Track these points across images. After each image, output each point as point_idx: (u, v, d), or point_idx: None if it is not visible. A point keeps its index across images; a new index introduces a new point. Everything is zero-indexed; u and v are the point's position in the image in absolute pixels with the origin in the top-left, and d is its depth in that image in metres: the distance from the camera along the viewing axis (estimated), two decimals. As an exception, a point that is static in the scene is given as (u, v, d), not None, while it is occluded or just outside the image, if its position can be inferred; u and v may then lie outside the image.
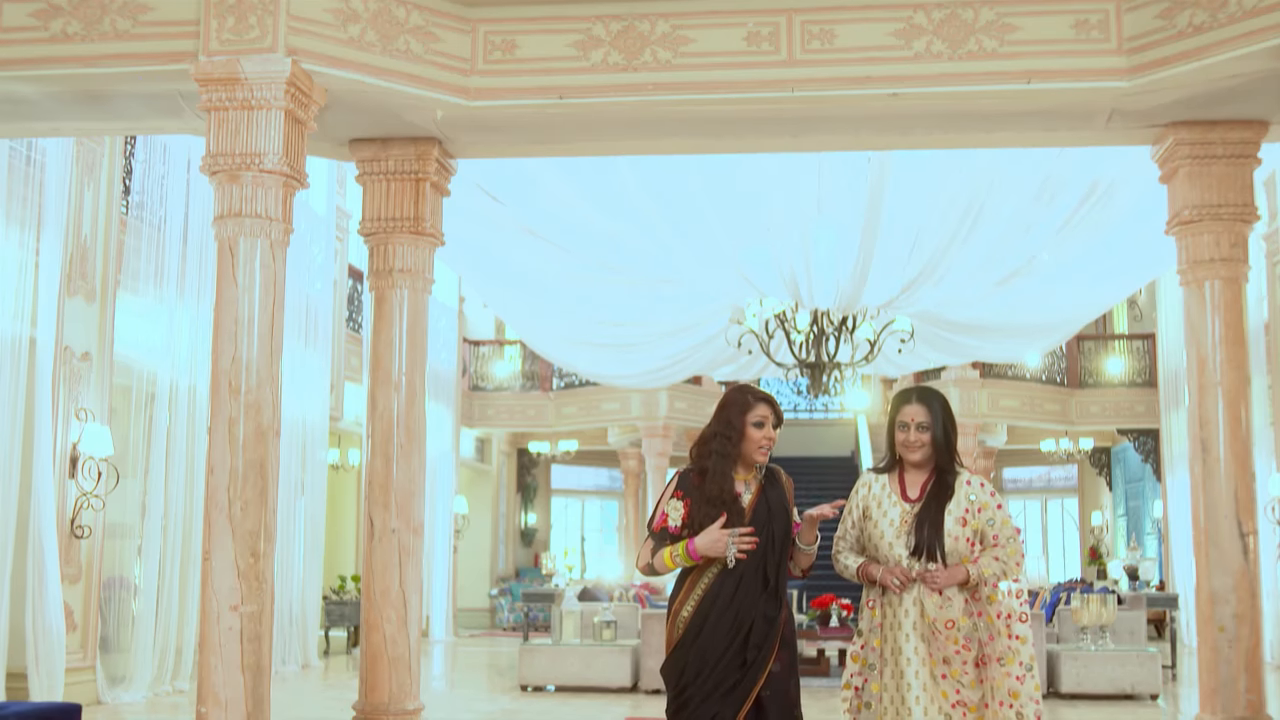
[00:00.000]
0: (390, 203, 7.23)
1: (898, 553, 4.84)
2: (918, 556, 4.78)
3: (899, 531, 4.83)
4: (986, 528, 4.91)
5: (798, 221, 10.50)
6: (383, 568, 7.01)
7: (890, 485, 4.96)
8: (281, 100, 6.11)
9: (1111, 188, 9.83)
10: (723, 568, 4.67)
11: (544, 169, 9.70)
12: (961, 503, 4.85)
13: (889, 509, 4.89)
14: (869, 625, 4.94)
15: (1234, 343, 6.67)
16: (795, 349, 13.63)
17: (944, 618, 4.77)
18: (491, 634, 22.05)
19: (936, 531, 4.79)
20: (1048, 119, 6.76)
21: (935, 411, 4.89)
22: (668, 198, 10.23)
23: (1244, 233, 6.75)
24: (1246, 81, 6.22)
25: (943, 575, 4.76)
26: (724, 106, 6.62)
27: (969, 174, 9.51)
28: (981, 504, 4.91)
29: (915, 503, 4.90)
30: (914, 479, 4.94)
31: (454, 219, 10.75)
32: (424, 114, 6.78)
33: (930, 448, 4.90)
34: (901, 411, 4.93)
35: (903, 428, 4.91)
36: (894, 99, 6.46)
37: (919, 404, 4.91)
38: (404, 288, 7.22)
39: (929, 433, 4.87)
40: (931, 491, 4.88)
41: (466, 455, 22.93)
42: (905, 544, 4.83)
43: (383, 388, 7.13)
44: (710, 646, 4.63)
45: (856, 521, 4.99)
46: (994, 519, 4.89)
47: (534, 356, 22.51)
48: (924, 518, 4.82)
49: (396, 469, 7.07)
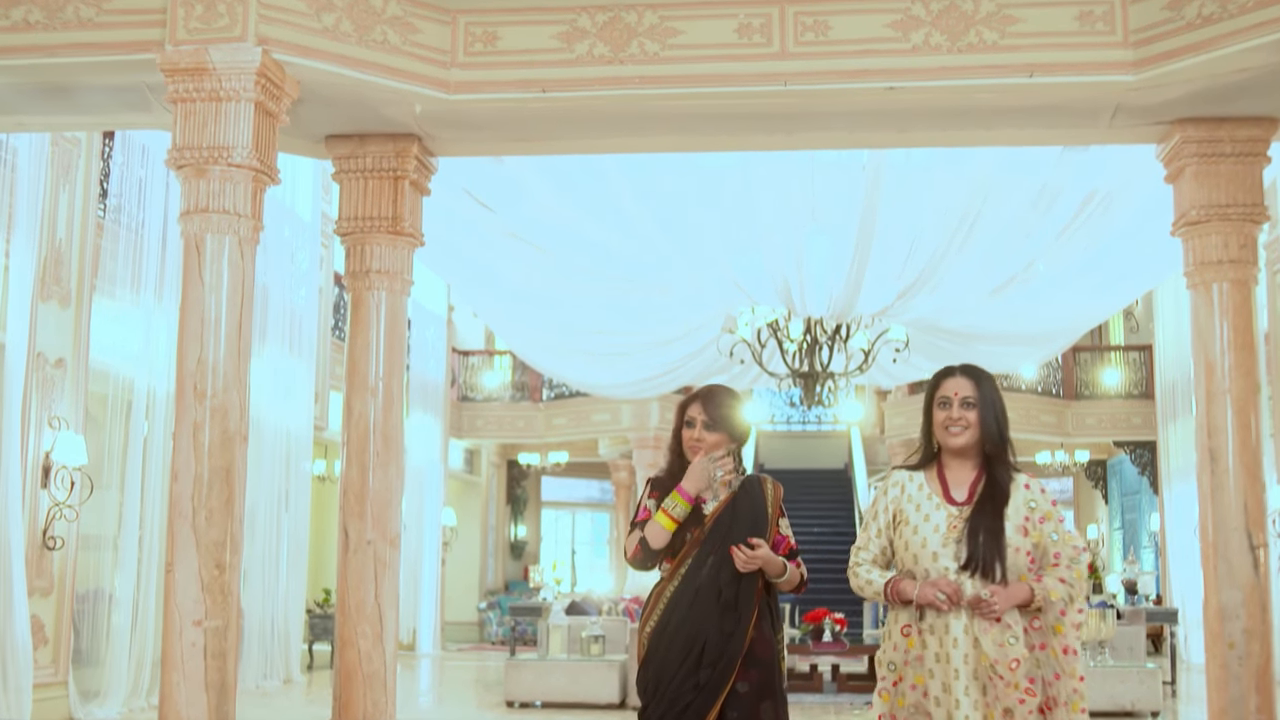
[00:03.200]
0: (368, 201, 6.96)
1: (944, 565, 3.96)
2: (971, 572, 3.92)
3: (946, 539, 3.96)
4: (1048, 543, 4.05)
5: (791, 228, 10.28)
6: (358, 581, 6.73)
7: (929, 484, 4.10)
8: (251, 92, 5.84)
9: (1109, 196, 9.67)
10: (684, 579, 4.41)
11: (532, 173, 9.48)
12: (1020, 509, 4.02)
13: (930, 512, 4.02)
14: (901, 657, 4.04)
15: (1243, 348, 6.42)
16: (788, 359, 13.42)
17: (1007, 657, 3.87)
18: (480, 648, 21.75)
19: (996, 541, 3.91)
20: (1050, 115, 6.51)
21: (984, 389, 4.07)
22: (658, 203, 10.03)
23: (1253, 234, 6.50)
24: (1257, 75, 5.97)
25: (1002, 596, 3.88)
26: (714, 101, 6.36)
27: (965, 180, 9.33)
28: (1044, 513, 4.06)
29: (963, 505, 4.02)
30: (959, 476, 4.08)
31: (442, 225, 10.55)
32: (402, 108, 6.52)
33: (978, 431, 4.05)
34: (942, 386, 4.11)
35: (943, 404, 4.08)
36: (891, 94, 6.21)
37: (964, 377, 4.10)
38: (382, 289, 6.95)
39: (975, 410, 4.04)
40: (985, 493, 4.02)
41: (455, 467, 22.64)
42: (954, 555, 3.94)
43: (359, 393, 6.86)
44: (666, 665, 4.37)
45: (883, 529, 4.11)
46: (1057, 533, 4.04)
47: (524, 367, 22.25)
48: (979, 524, 3.94)
49: (373, 478, 6.79)
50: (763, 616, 4.46)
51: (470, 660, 19.12)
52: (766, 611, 4.49)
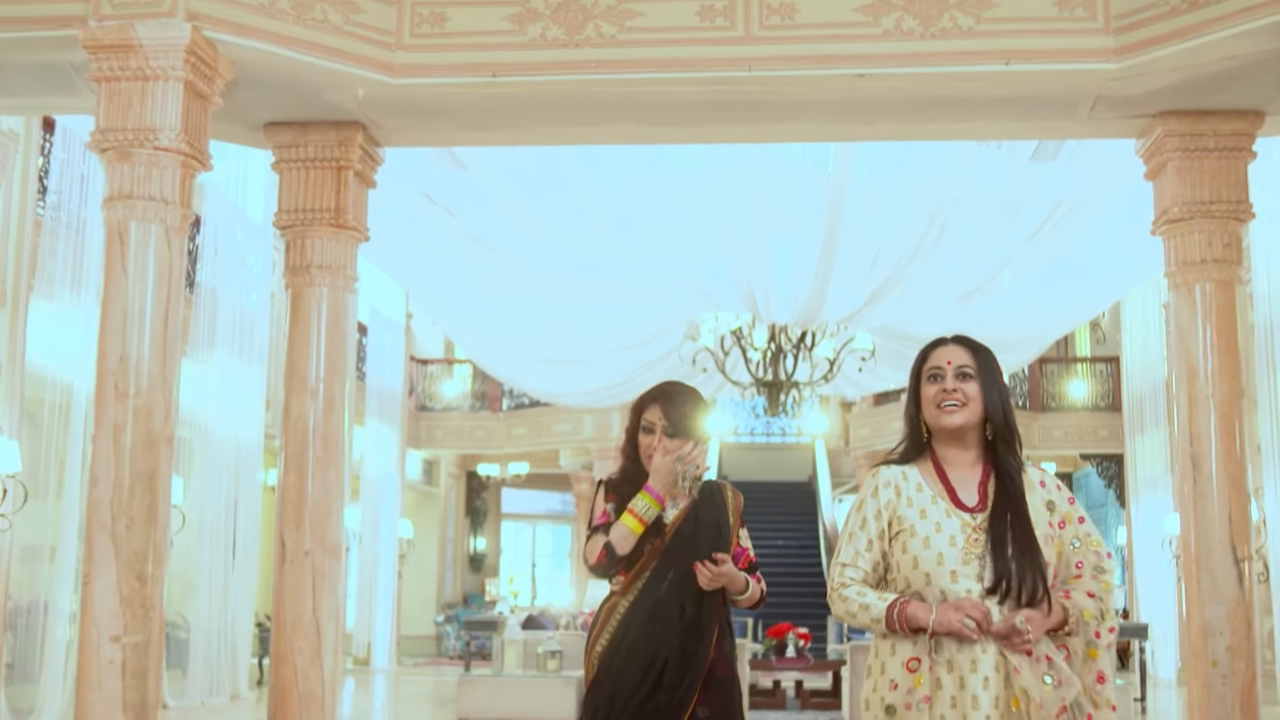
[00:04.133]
0: (309, 193, 6.59)
1: (966, 587, 3.14)
2: (1001, 596, 3.12)
3: (965, 556, 3.15)
4: (1070, 550, 3.29)
5: (756, 233, 10.02)
6: (295, 593, 6.34)
7: (929, 484, 3.28)
8: (180, 70, 5.47)
9: (1076, 207, 9.48)
10: (640, 594, 4.05)
11: (491, 174, 9.16)
12: (1040, 510, 3.26)
13: (939, 519, 3.21)
14: (902, 698, 3.16)
15: (1227, 351, 6.12)
16: (752, 367, 13.14)
17: (1056, 699, 3.09)
18: (437, 662, 21.32)
19: (1033, 557, 3.14)
20: (1027, 107, 6.21)
21: (984, 359, 3.29)
22: (620, 206, 9.76)
23: (1237, 232, 6.22)
24: (1243, 64, 5.68)
25: (1037, 621, 3.10)
26: (674, 88, 6.03)
27: (931, 189, 9.13)
28: (1064, 515, 3.30)
29: (977, 511, 3.23)
30: (961, 474, 3.29)
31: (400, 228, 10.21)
32: (345, 93, 6.16)
33: (979, 407, 3.25)
34: (932, 356, 3.33)
35: (934, 377, 3.28)
36: (860, 81, 5.89)
37: (958, 345, 3.33)
38: (323, 285, 6.57)
39: (974, 382, 3.25)
40: (1002, 495, 3.23)
41: (413, 477, 22.23)
42: (977, 574, 3.14)
43: (297, 395, 6.48)
44: (620, 687, 3.97)
45: (875, 540, 3.28)
46: (1079, 537, 3.29)
47: (484, 376, 21.87)
48: (1002, 534, 3.16)
49: (311, 484, 6.41)
50: (723, 634, 4.09)
51: (426, 675, 18.69)
52: (727, 629, 4.13)
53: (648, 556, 4.06)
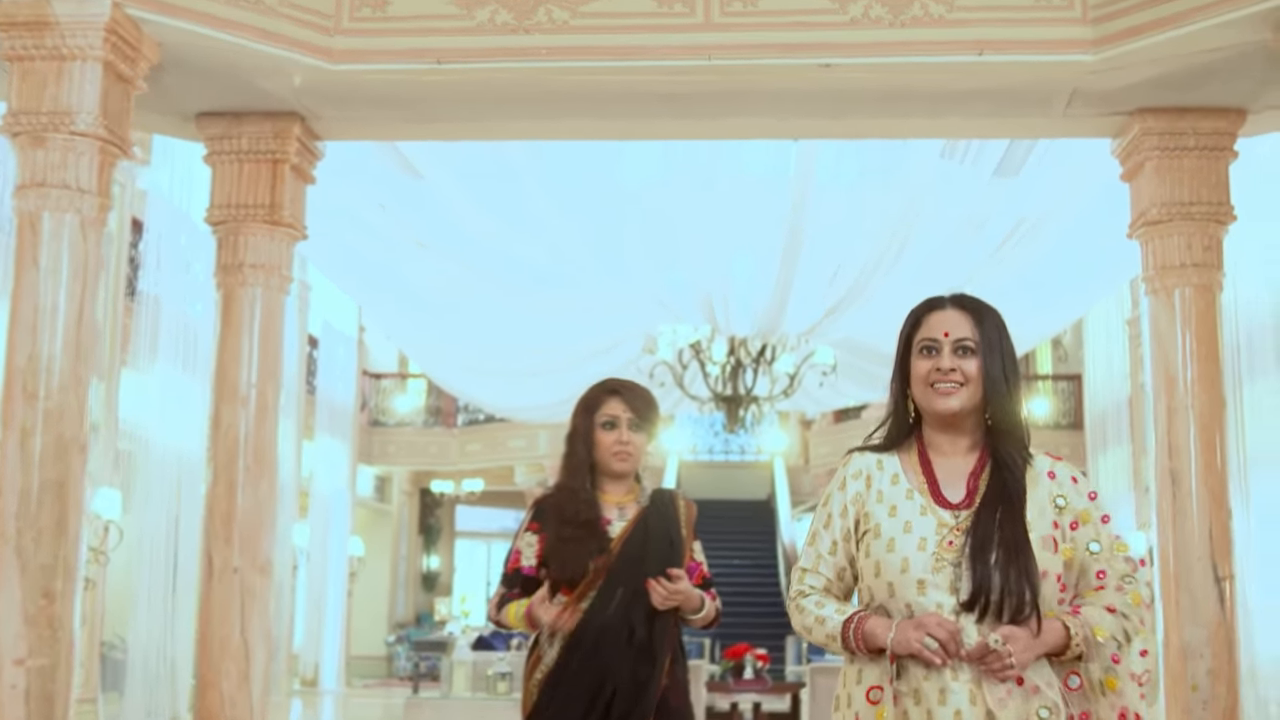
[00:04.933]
0: (243, 187, 6.21)
1: (935, 600, 2.58)
2: (979, 612, 2.57)
3: (938, 560, 2.60)
4: (1086, 557, 2.69)
5: (715, 243, 9.75)
6: (222, 612, 5.94)
7: (907, 475, 2.73)
8: (99, 50, 5.08)
9: (1039, 223, 9.28)
10: (586, 616, 3.67)
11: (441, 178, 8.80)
12: (1044, 509, 2.67)
13: (912, 517, 2.66)
14: None
15: (1207, 359, 5.83)
16: (710, 382, 12.86)
17: None
18: (387, 683, 20.85)
19: (1019, 562, 2.57)
20: (1000, 101, 5.91)
21: (988, 328, 2.71)
22: (576, 211, 9.46)
23: (1218, 235, 5.93)
24: (1226, 57, 5.40)
25: (1023, 642, 2.52)
26: (630, 77, 5.69)
27: (894, 202, 8.92)
28: (1079, 513, 2.70)
29: (961, 508, 2.66)
30: (951, 465, 2.73)
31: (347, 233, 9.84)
32: (280, 80, 5.79)
33: (979, 390, 2.68)
34: (926, 323, 2.74)
35: (927, 350, 2.71)
36: (826, 72, 5.57)
37: (958, 310, 2.73)
38: (256, 285, 6.19)
39: (975, 359, 2.68)
40: (994, 488, 2.66)
41: (365, 494, 21.78)
42: (950, 585, 2.59)
43: (228, 402, 6.10)
44: (564, 717, 3.61)
45: (840, 541, 2.76)
46: (1099, 540, 2.69)
47: (439, 391, 21.47)
48: (988, 535, 2.59)
49: (241, 497, 6.02)
50: (676, 659, 3.72)
51: (376, 697, 18.26)
52: (680, 653, 3.77)
53: (593, 574, 3.69)
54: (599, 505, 3.77)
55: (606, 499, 3.81)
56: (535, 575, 3.77)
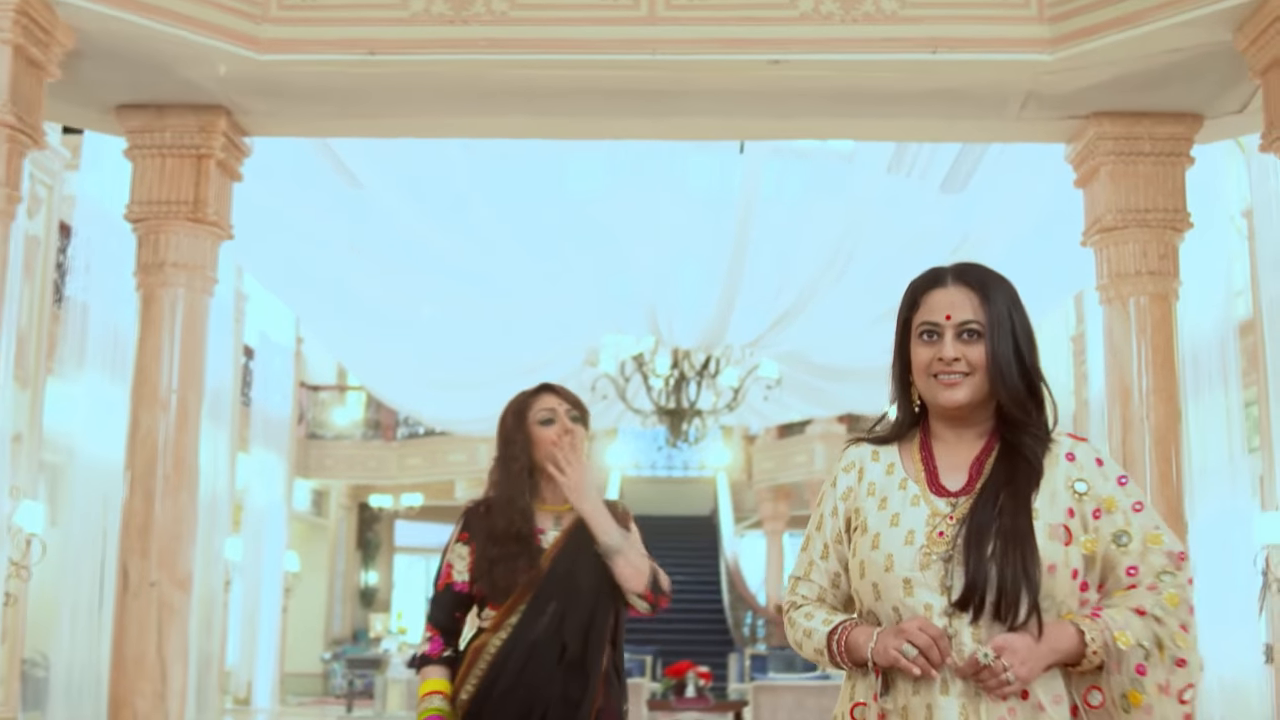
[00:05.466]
0: (165, 183, 5.93)
1: (923, 601, 2.24)
2: (973, 614, 2.22)
3: (926, 555, 2.26)
4: (1114, 550, 2.28)
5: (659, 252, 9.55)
6: (137, 629, 5.65)
7: (904, 465, 2.40)
8: (8, 32, 4.81)
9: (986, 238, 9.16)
10: (515, 631, 3.42)
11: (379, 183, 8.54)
12: (1058, 494, 2.29)
13: (902, 509, 2.33)
14: None
15: (1163, 369, 5.68)
16: (654, 395, 12.66)
17: None
18: (322, 702, 20.43)
19: (1018, 553, 2.20)
20: (954, 102, 5.73)
21: (997, 305, 2.33)
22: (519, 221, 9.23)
23: (1174, 242, 5.79)
24: (1184, 59, 5.27)
25: (1023, 652, 2.16)
26: (571, 72, 5.47)
27: (838, 216, 8.75)
28: (1104, 499, 2.30)
29: (960, 496, 2.32)
30: (955, 452, 2.38)
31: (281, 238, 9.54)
32: (205, 70, 5.52)
33: (985, 379, 2.32)
34: (925, 303, 2.37)
35: (928, 334, 2.34)
36: (775, 68, 5.37)
37: (961, 286, 2.36)
38: (179, 286, 5.91)
39: (981, 345, 2.31)
40: (998, 470, 2.32)
41: (301, 508, 21.36)
42: (939, 583, 2.25)
43: (147, 406, 5.82)
44: None
45: (831, 544, 2.44)
46: (1131, 530, 2.29)
47: (378, 404, 21.14)
48: (984, 524, 2.24)
49: (160, 507, 5.74)
50: (611, 679, 3.48)
51: (310, 715, 17.89)
52: (614, 673, 3.52)
53: (523, 587, 3.44)
54: (534, 516, 3.54)
55: (544, 508, 3.58)
56: (468, 591, 3.53)
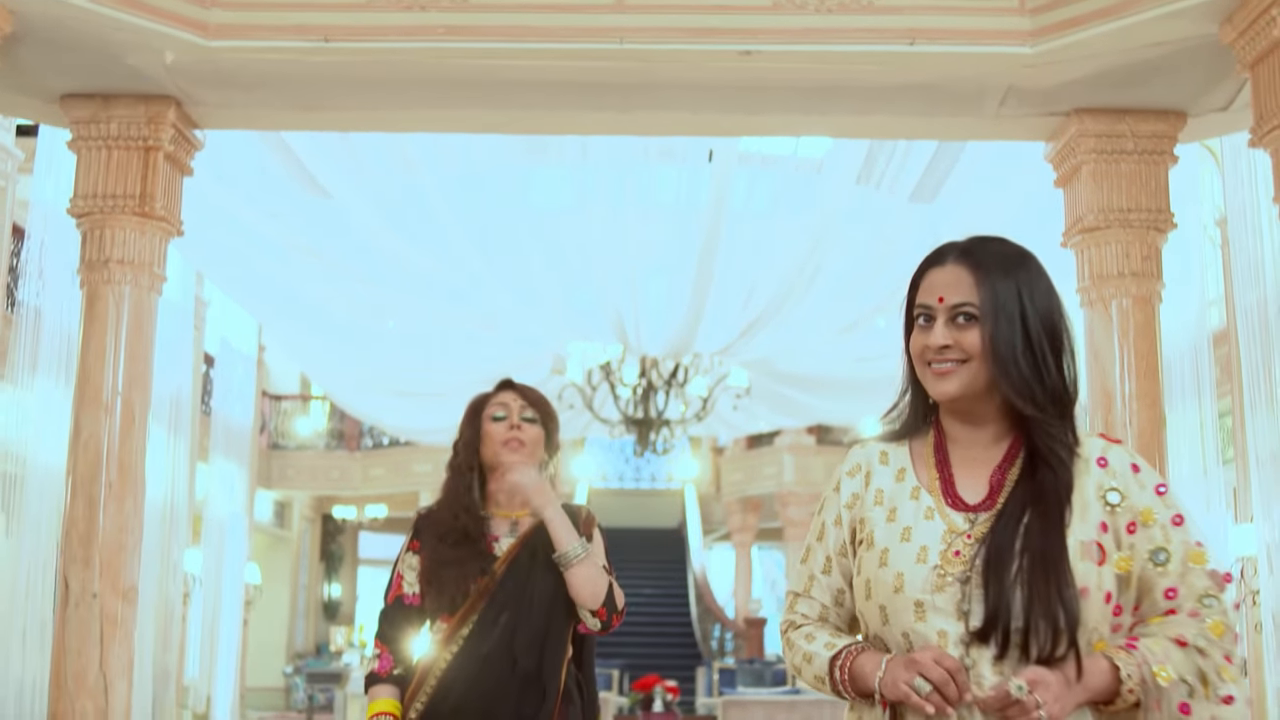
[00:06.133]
0: (111, 176, 5.66)
1: (935, 627, 1.99)
2: (998, 646, 1.96)
3: (942, 576, 2.00)
4: (1150, 570, 2.04)
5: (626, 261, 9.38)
6: (78, 643, 5.37)
7: (915, 470, 2.16)
8: (-60, 14, 4.57)
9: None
10: (466, 644, 3.21)
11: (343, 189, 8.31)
12: (1090, 506, 2.04)
13: (915, 521, 2.08)
14: None
15: (1147, 374, 5.49)
16: (621, 404, 12.45)
17: None
18: (284, 716, 20.15)
19: (1053, 579, 1.94)
20: (931, 98, 5.53)
21: (996, 287, 2.08)
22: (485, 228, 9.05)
23: (1157, 243, 5.61)
24: (1170, 53, 5.09)
25: (1053, 689, 1.90)
26: (535, 61, 5.24)
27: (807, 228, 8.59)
28: (1140, 511, 2.05)
29: (981, 510, 2.06)
30: (970, 457, 2.13)
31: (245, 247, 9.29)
32: (151, 57, 5.27)
33: (981, 369, 2.07)
34: (923, 285, 2.15)
35: (924, 318, 2.13)
36: (747, 60, 5.16)
37: (960, 264, 2.12)
38: (124, 284, 5.64)
39: (976, 330, 2.06)
40: (1026, 482, 2.06)
41: (263, 519, 21.03)
42: (955, 609, 1.98)
43: (89, 409, 5.55)
44: None
45: (834, 557, 2.20)
46: (1169, 546, 2.04)
47: (342, 414, 20.87)
48: (1007, 543, 1.99)
49: (103, 515, 5.47)
50: (570, 696, 3.26)
51: (270, 731, 17.57)
52: (574, 690, 3.29)
53: (474, 597, 3.23)
54: (486, 520, 3.32)
55: (499, 513, 3.36)
56: (420, 604, 3.31)
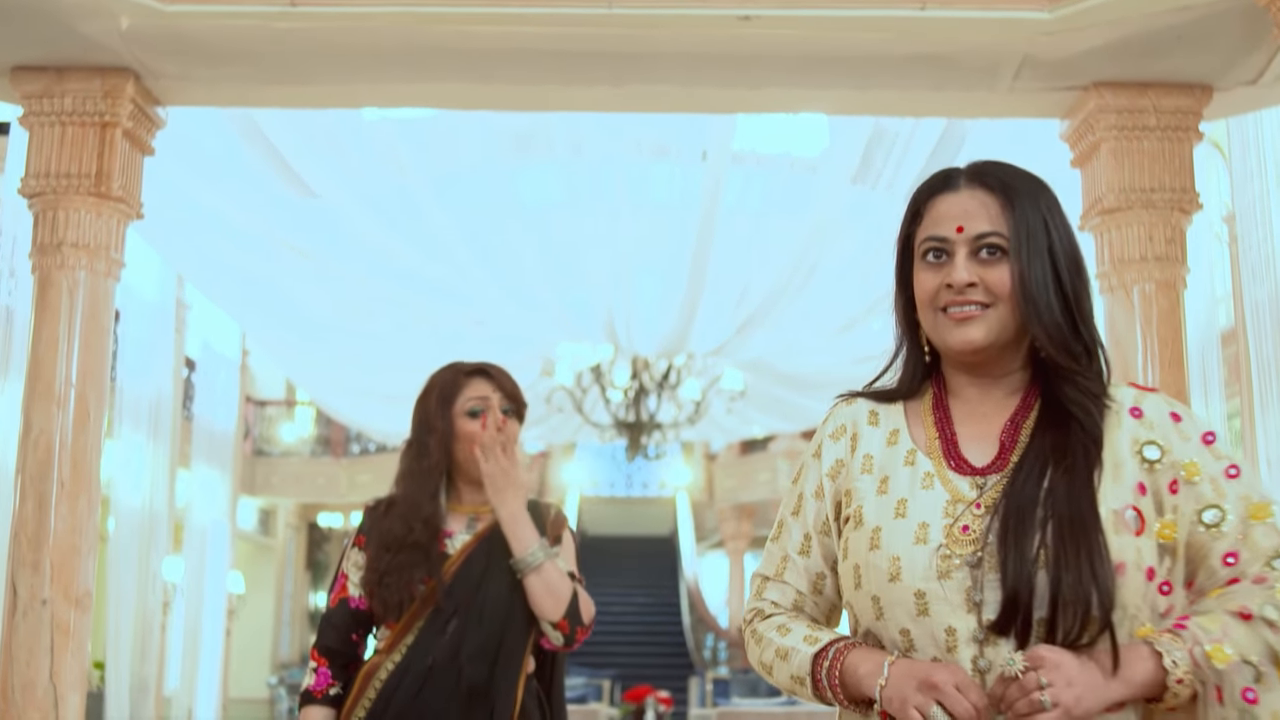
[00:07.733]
0: (65, 154, 5.30)
1: (944, 625, 1.60)
2: (1017, 636, 1.58)
3: (947, 554, 1.63)
4: (1200, 532, 1.64)
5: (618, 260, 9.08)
6: (26, 653, 4.99)
7: (910, 430, 1.80)
8: None
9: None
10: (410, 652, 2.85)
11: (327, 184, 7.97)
12: (1124, 463, 1.67)
13: (909, 491, 1.71)
14: None
15: (1172, 364, 5.14)
16: (612, 407, 12.13)
17: None
18: (268, 728, 19.76)
19: (1084, 550, 1.55)
20: (941, 70, 5.17)
21: (1025, 213, 1.71)
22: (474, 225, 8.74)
23: (1182, 225, 5.26)
24: (1195, 20, 4.74)
25: (1067, 671, 1.50)
26: (516, 28, 4.88)
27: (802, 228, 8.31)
28: (1186, 466, 1.66)
29: (990, 472, 1.68)
30: (978, 415, 1.77)
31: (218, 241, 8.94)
32: (105, 23, 4.91)
33: (1010, 312, 1.70)
34: (931, 211, 1.77)
35: (933, 253, 1.76)
36: (745, 26, 4.81)
37: (980, 188, 1.75)
38: (79, 269, 5.28)
39: (1005, 265, 1.71)
40: (1040, 438, 1.69)
41: (247, 527, 20.65)
42: (964, 595, 1.59)
43: (41, 403, 5.19)
44: None
45: (815, 534, 1.83)
46: (1222, 503, 1.65)
47: (328, 420, 20.51)
48: (1026, 511, 1.60)
49: (55, 516, 5.10)
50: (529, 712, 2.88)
51: (252, 743, 17.18)
52: (537, 707, 2.91)
53: (420, 602, 2.86)
54: (442, 518, 2.95)
55: (459, 509, 3.00)
56: (366, 609, 2.95)
